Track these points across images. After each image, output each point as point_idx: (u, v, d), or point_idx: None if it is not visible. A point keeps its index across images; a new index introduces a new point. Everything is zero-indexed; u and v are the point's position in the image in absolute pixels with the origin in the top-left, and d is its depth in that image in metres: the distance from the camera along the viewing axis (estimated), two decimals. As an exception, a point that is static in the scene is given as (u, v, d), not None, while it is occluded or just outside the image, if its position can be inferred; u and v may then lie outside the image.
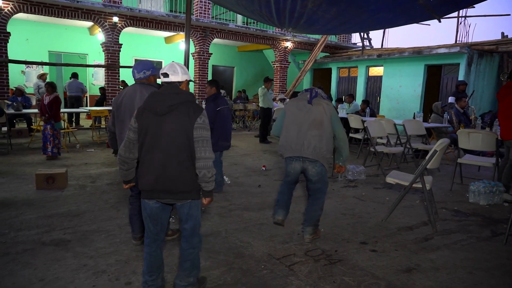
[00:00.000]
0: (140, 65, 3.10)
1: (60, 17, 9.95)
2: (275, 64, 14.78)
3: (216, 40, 13.22)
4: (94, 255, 3.03)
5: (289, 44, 14.34)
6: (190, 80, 2.48)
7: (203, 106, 4.81)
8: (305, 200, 4.72)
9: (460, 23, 11.95)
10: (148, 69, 3.09)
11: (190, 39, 6.51)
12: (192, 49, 12.73)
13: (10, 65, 9.73)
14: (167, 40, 15.22)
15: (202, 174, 2.23)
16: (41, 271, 2.76)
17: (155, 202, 2.33)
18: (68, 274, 2.72)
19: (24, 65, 12.35)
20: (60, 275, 2.70)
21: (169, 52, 15.55)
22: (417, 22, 4.80)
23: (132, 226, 3.28)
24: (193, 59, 12.75)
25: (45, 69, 12.91)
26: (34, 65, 12.45)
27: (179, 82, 2.36)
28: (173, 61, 2.43)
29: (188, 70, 4.47)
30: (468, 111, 8.00)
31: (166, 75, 2.33)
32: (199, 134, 2.22)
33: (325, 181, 3.40)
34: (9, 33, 9.25)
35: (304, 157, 3.28)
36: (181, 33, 12.40)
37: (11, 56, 9.75)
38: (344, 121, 8.80)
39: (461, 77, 10.40)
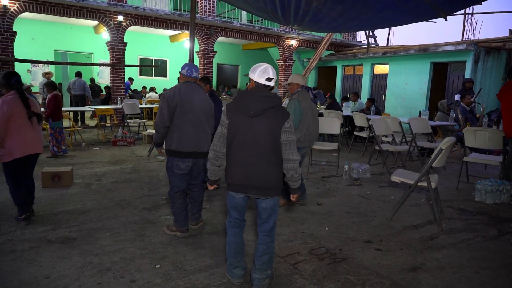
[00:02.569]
0: (195, 67, 3.38)
1: (66, 16, 9.99)
2: (279, 62, 14.74)
3: (220, 39, 13.21)
4: (99, 253, 3.04)
5: (293, 42, 14.29)
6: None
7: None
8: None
9: (467, 20, 11.83)
10: (199, 72, 3.43)
11: (195, 38, 6.52)
12: (197, 48, 12.72)
13: (16, 64, 9.80)
14: (172, 38, 15.24)
15: (290, 175, 2.39)
16: (46, 268, 2.78)
17: (241, 195, 2.49)
18: (73, 272, 2.74)
19: (30, 64, 12.44)
20: (66, 273, 2.72)
21: (174, 51, 15.58)
22: (423, 20, 4.76)
23: (181, 221, 3.37)
24: (198, 57, 12.75)
25: (51, 68, 12.99)
26: (40, 64, 12.53)
27: (272, 87, 2.49)
28: (268, 64, 2.46)
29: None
30: (474, 108, 7.92)
31: (271, 79, 2.42)
32: (286, 137, 2.37)
33: None
34: (15, 32, 9.30)
35: (311, 144, 4.25)
36: (186, 31, 12.40)
37: (17, 55, 9.81)
38: (349, 119, 8.78)
39: (467, 74, 10.31)
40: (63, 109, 7.72)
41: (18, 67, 10.76)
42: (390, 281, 2.74)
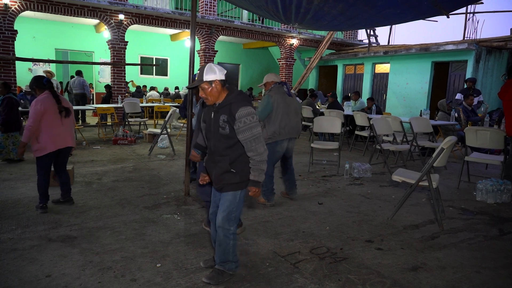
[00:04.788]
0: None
1: (67, 15, 10.00)
2: (280, 61, 14.73)
3: (221, 38, 13.21)
4: (100, 252, 3.04)
5: (294, 41, 14.28)
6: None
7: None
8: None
9: (468, 20, 11.80)
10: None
11: (196, 37, 6.51)
12: (198, 47, 12.73)
13: (17, 63, 9.81)
14: (173, 37, 15.24)
15: None
16: (47, 267, 2.78)
17: None
18: (74, 271, 2.74)
19: (31, 63, 12.45)
20: (66, 271, 2.72)
21: (174, 50, 15.58)
22: (425, 18, 4.75)
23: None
24: (199, 56, 12.75)
25: (52, 67, 13.00)
26: (41, 63, 12.54)
27: None
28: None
29: (193, 68, 4.47)
30: (476, 108, 7.91)
31: None
32: None
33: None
34: (16, 31, 9.31)
35: (291, 137, 4.26)
36: (187, 30, 12.40)
37: (18, 54, 9.82)
38: (350, 118, 8.77)
39: (469, 74, 10.29)
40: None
41: (19, 66, 10.78)
42: (391, 280, 2.74)
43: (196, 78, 2.47)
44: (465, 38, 11.72)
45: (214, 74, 2.38)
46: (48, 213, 3.87)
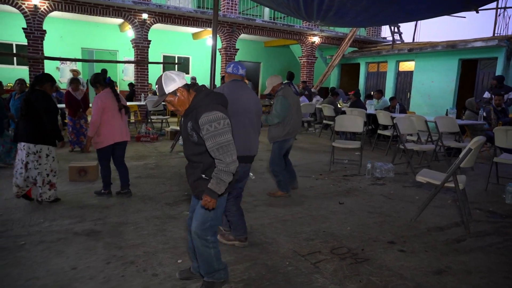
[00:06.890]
0: (241, 65, 3.21)
1: (92, 15, 10.26)
2: (301, 59, 14.60)
3: (242, 36, 13.22)
4: (123, 246, 3.11)
5: (316, 39, 14.13)
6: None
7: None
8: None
9: (499, 15, 11.36)
10: (245, 69, 3.33)
11: (217, 35, 6.54)
12: (219, 45, 12.79)
13: (45, 61, 10.16)
14: (195, 36, 15.37)
15: None
16: (73, 259, 2.87)
17: None
18: (98, 264, 2.81)
19: (59, 61, 12.86)
20: (91, 264, 2.80)
21: (196, 48, 15.71)
22: (451, 14, 4.60)
23: (239, 229, 3.16)
24: (220, 54, 12.82)
25: (78, 65, 13.37)
26: (68, 62, 12.93)
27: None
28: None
29: (215, 66, 4.54)
30: (507, 106, 7.61)
31: None
32: None
33: None
34: (44, 31, 9.63)
35: (296, 134, 4.55)
36: (209, 29, 12.48)
37: (46, 53, 10.16)
38: (373, 117, 8.61)
39: (499, 71, 9.90)
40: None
41: (48, 65, 11.14)
42: (414, 283, 2.67)
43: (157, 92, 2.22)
44: (495, 34, 11.28)
45: (174, 82, 2.16)
46: (73, 207, 3.99)
